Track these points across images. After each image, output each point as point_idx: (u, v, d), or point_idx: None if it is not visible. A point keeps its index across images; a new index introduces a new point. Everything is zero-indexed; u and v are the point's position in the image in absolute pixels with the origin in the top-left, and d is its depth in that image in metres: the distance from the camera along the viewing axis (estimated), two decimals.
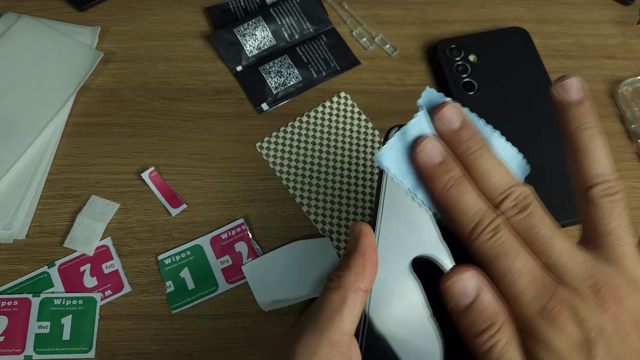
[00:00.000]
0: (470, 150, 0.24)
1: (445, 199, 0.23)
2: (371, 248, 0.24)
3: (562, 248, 0.22)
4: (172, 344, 0.39)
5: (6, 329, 0.38)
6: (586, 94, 0.24)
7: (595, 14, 0.55)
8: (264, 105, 0.48)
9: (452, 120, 0.24)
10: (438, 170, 0.24)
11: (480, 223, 0.22)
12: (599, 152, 0.23)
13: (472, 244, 0.22)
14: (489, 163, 0.23)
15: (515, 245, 0.22)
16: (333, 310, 0.23)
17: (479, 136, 0.24)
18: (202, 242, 0.42)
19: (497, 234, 0.22)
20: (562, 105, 0.24)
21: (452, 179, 0.23)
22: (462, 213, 0.23)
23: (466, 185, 0.23)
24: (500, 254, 0.22)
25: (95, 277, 0.40)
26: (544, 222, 0.22)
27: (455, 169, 0.24)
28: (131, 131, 0.46)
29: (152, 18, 0.52)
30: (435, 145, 0.24)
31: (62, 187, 0.44)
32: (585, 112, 0.24)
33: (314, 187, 0.44)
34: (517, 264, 0.21)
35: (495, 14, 0.54)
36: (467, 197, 0.23)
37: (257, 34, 0.51)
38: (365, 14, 0.54)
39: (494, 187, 0.23)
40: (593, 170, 0.23)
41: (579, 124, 0.24)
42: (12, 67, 0.47)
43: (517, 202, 0.22)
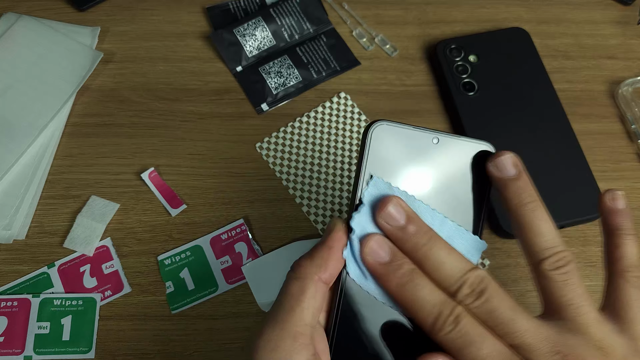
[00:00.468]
0: (418, 244, 0.23)
1: (400, 297, 0.23)
2: (339, 243, 0.24)
3: (525, 328, 0.22)
4: (171, 344, 0.39)
5: (6, 329, 0.38)
6: (521, 169, 0.25)
7: (595, 14, 0.55)
8: (263, 105, 0.48)
9: (397, 217, 0.24)
10: (387, 269, 0.23)
11: (440, 316, 0.22)
12: (542, 225, 0.23)
13: (436, 337, 0.22)
14: (439, 253, 0.23)
15: (478, 332, 0.22)
16: (293, 301, 0.23)
17: (425, 228, 0.24)
18: (202, 242, 0.42)
19: (459, 325, 0.22)
20: (500, 183, 0.25)
21: (404, 276, 0.23)
22: (419, 308, 0.23)
23: (419, 279, 0.23)
24: (465, 343, 0.22)
25: (95, 278, 0.40)
26: (502, 304, 0.22)
27: (404, 264, 0.23)
28: (131, 131, 0.46)
29: (152, 18, 0.52)
30: (381, 243, 0.24)
31: (62, 187, 0.44)
32: (523, 187, 0.24)
33: (314, 187, 0.44)
34: (484, 350, 0.21)
35: (495, 14, 0.54)
36: (422, 292, 0.23)
37: (257, 34, 0.51)
38: (365, 14, 0.54)
39: (447, 277, 0.23)
40: (540, 245, 0.23)
41: (519, 200, 0.24)
42: (12, 67, 0.47)
43: (473, 289, 0.22)
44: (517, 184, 0.24)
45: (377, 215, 0.24)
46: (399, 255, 0.24)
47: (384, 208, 0.24)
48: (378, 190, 0.25)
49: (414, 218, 0.24)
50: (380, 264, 0.24)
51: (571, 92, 0.50)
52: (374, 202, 0.25)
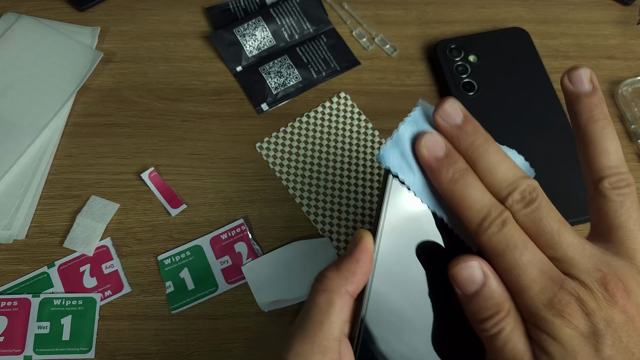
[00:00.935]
0: (474, 144, 0.23)
1: (450, 194, 0.23)
2: (367, 256, 0.24)
3: (570, 241, 0.22)
4: (171, 344, 0.39)
5: (6, 329, 0.38)
6: (597, 85, 0.24)
7: (595, 14, 0.55)
8: (263, 105, 0.48)
9: (454, 115, 0.24)
10: (441, 164, 0.23)
11: (487, 217, 0.22)
12: (610, 144, 0.23)
13: (480, 238, 0.22)
14: (494, 157, 0.23)
15: (522, 238, 0.22)
16: (321, 314, 0.23)
17: (482, 130, 0.24)
18: (201, 242, 0.42)
19: (504, 228, 0.22)
20: (573, 96, 0.24)
21: (457, 172, 0.23)
22: (468, 207, 0.23)
23: (471, 178, 0.23)
24: (508, 247, 0.22)
25: (95, 278, 0.40)
26: (550, 215, 0.22)
27: (459, 161, 0.23)
28: (131, 131, 0.46)
29: (152, 18, 0.52)
30: (437, 139, 0.24)
31: (62, 187, 0.44)
32: (597, 104, 0.24)
33: (314, 187, 0.44)
34: (525, 257, 0.21)
35: (495, 14, 0.54)
36: (473, 190, 0.23)
37: (257, 34, 0.51)
38: (365, 14, 0.54)
39: (500, 181, 0.23)
40: (604, 163, 0.23)
41: (590, 115, 0.23)
42: (12, 67, 0.47)
43: (524, 196, 0.22)
44: (590, 100, 0.24)
45: (434, 113, 0.24)
46: (454, 152, 0.24)
47: (442, 105, 0.24)
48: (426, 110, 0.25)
49: (471, 118, 0.24)
50: (435, 158, 0.23)
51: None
52: (427, 111, 0.25)
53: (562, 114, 0.47)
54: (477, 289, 0.22)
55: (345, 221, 0.43)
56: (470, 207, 0.23)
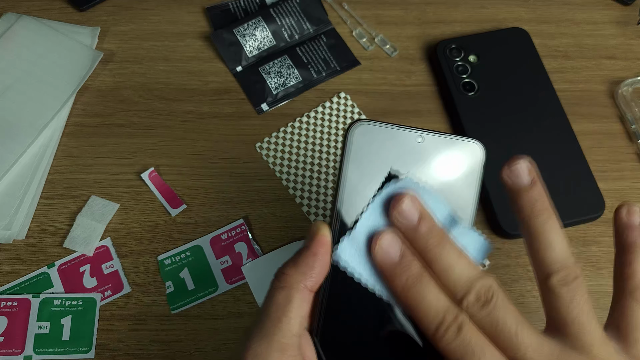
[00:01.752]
0: (429, 245, 0.23)
1: (404, 300, 0.23)
2: (324, 249, 0.23)
3: (528, 342, 0.21)
4: (171, 344, 0.39)
5: (6, 329, 0.38)
6: (535, 178, 0.24)
7: (595, 14, 0.55)
8: (263, 105, 0.48)
9: (410, 215, 0.23)
10: (395, 269, 0.23)
11: (443, 323, 0.22)
12: (554, 237, 0.23)
13: (438, 344, 0.22)
14: (450, 257, 0.23)
15: (480, 342, 0.22)
16: (279, 312, 0.22)
17: (437, 228, 0.24)
18: (201, 242, 0.42)
19: (461, 334, 0.21)
20: (513, 191, 0.24)
21: (411, 278, 0.23)
22: (424, 313, 0.22)
23: (426, 283, 0.23)
24: (466, 353, 0.21)
25: (95, 278, 0.40)
26: (507, 315, 0.22)
27: (413, 266, 0.23)
28: (131, 131, 0.46)
29: (152, 18, 0.52)
30: (392, 241, 0.23)
31: (61, 187, 0.44)
32: (537, 198, 0.24)
33: (314, 187, 0.44)
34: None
35: (495, 15, 0.55)
36: (428, 295, 0.22)
37: (257, 34, 0.51)
38: (365, 14, 0.54)
39: (455, 283, 0.22)
40: (549, 258, 0.23)
41: (531, 211, 0.23)
42: (12, 67, 0.47)
43: (479, 297, 0.22)
44: (530, 194, 0.24)
45: (391, 209, 0.24)
46: (408, 255, 0.23)
47: (399, 202, 0.23)
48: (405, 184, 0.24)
49: (426, 216, 0.24)
50: (389, 263, 0.23)
51: (571, 92, 0.50)
52: (391, 196, 0.24)
53: (561, 114, 0.47)
54: None
55: None
56: (426, 313, 0.22)
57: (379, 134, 0.25)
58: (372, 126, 0.25)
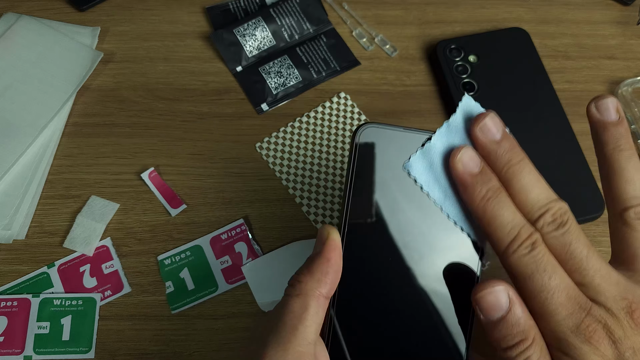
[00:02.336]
0: (510, 162, 0.23)
1: (481, 212, 0.23)
2: (336, 253, 0.23)
3: (597, 267, 0.22)
4: (171, 344, 0.39)
5: (6, 329, 0.38)
6: (623, 116, 0.24)
7: (595, 14, 0.55)
8: (263, 105, 0.48)
9: (494, 131, 0.24)
10: (475, 180, 0.23)
11: (517, 238, 0.22)
12: (636, 173, 0.23)
13: (509, 258, 0.22)
14: (529, 177, 0.23)
15: (552, 262, 0.22)
16: (295, 319, 0.22)
17: (518, 148, 0.24)
18: (202, 242, 0.42)
19: (534, 250, 0.22)
20: (599, 125, 0.24)
21: (490, 190, 0.23)
22: (499, 227, 0.22)
23: (504, 198, 0.23)
24: (537, 270, 0.21)
25: (95, 278, 0.40)
26: (579, 240, 0.22)
27: (493, 180, 0.23)
28: (131, 131, 0.46)
29: (152, 18, 0.52)
30: (473, 155, 0.24)
31: (61, 187, 0.44)
32: (623, 134, 0.24)
33: (314, 187, 0.44)
34: (553, 281, 0.21)
35: (495, 15, 0.55)
36: (504, 210, 0.22)
37: (257, 34, 0.51)
38: (365, 14, 0.54)
39: (532, 202, 0.23)
40: (630, 192, 0.23)
41: (617, 145, 0.24)
42: (12, 67, 0.47)
43: (555, 218, 0.22)
44: (617, 129, 0.24)
45: (473, 125, 0.24)
46: (488, 169, 0.23)
47: (483, 118, 0.24)
48: (470, 107, 0.25)
49: (508, 135, 0.24)
50: (470, 174, 0.23)
51: (571, 92, 0.50)
52: (466, 116, 0.24)
53: (561, 114, 0.47)
54: (503, 315, 0.22)
55: None
56: (501, 227, 0.22)
57: (386, 136, 0.25)
58: (379, 129, 0.25)
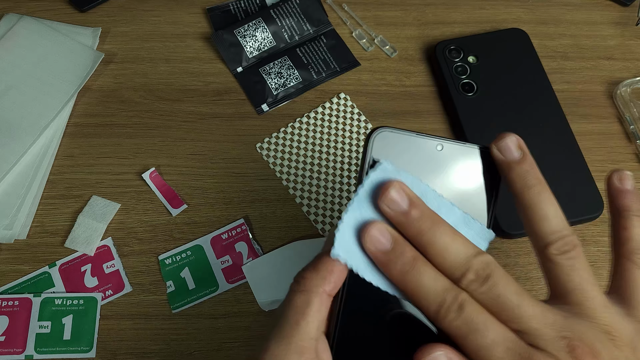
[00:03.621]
0: (422, 231, 0.23)
1: (403, 285, 0.23)
2: None
3: (531, 313, 0.21)
4: (172, 343, 0.39)
5: (7, 329, 0.38)
6: (526, 151, 0.24)
7: (593, 15, 0.55)
8: (264, 106, 0.48)
9: (399, 201, 0.23)
10: (388, 258, 0.23)
11: (444, 303, 0.22)
12: (548, 208, 0.23)
13: (440, 325, 0.22)
14: (443, 239, 0.23)
15: (483, 318, 0.22)
16: (298, 315, 0.23)
17: (428, 212, 0.23)
18: (202, 242, 0.42)
19: (463, 312, 0.22)
20: (504, 165, 0.24)
21: (406, 264, 0.23)
22: (423, 296, 0.22)
23: (421, 266, 0.23)
24: (470, 331, 0.21)
25: (96, 277, 0.41)
26: (507, 289, 0.22)
27: (406, 252, 0.23)
28: (132, 132, 0.47)
29: (153, 19, 0.53)
30: (382, 231, 0.23)
31: (63, 187, 0.44)
32: (528, 170, 0.24)
33: (314, 188, 0.45)
34: (488, 338, 0.21)
35: (494, 16, 0.55)
36: (425, 278, 0.22)
37: (257, 35, 0.51)
38: (365, 15, 0.54)
39: (451, 264, 0.22)
40: (545, 228, 0.23)
41: (524, 183, 0.24)
42: (14, 67, 0.47)
43: (478, 274, 0.22)
44: (521, 167, 0.24)
45: (379, 199, 0.24)
46: (400, 241, 0.23)
47: (386, 192, 0.23)
48: (384, 174, 0.24)
49: (417, 203, 0.23)
50: (382, 251, 0.23)
51: (570, 92, 0.50)
52: (377, 186, 0.24)
53: (560, 114, 0.47)
54: None
55: None
56: (425, 296, 0.22)
57: (399, 141, 0.25)
58: (392, 133, 0.25)
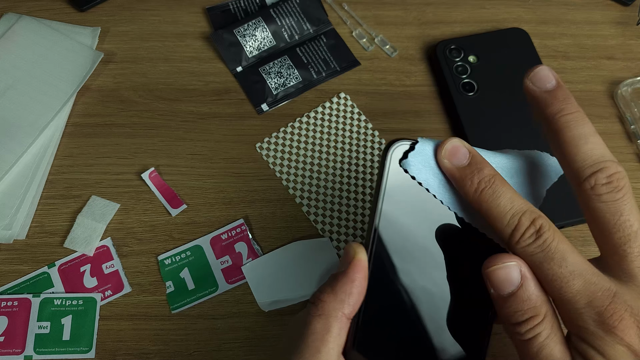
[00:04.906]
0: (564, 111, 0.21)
1: (477, 205, 0.22)
2: (361, 274, 0.23)
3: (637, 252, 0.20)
4: (172, 344, 0.39)
5: (6, 329, 0.38)
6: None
7: (594, 14, 0.55)
8: (264, 105, 0.48)
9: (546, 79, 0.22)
10: (465, 173, 0.22)
11: (519, 227, 0.21)
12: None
13: (514, 249, 0.21)
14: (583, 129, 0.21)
15: (561, 247, 0.20)
16: (318, 341, 0.22)
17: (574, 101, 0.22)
18: (202, 242, 0.42)
19: (540, 239, 0.20)
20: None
21: (483, 181, 0.21)
22: (497, 218, 0.21)
23: (499, 185, 0.21)
24: (546, 258, 0.20)
25: (95, 278, 0.41)
26: (633, 211, 0.20)
27: (484, 169, 0.22)
28: (131, 131, 0.47)
29: (153, 19, 0.52)
30: (459, 146, 0.22)
31: (62, 187, 0.44)
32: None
33: (314, 188, 0.45)
34: (565, 268, 0.20)
35: (495, 15, 0.55)
36: (502, 199, 0.21)
37: (257, 35, 0.51)
38: (365, 15, 0.54)
39: (584, 157, 0.21)
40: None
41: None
42: (13, 67, 0.47)
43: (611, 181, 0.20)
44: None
45: (437, 153, 0.23)
46: (478, 158, 0.22)
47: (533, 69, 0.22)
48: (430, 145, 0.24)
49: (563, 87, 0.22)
50: (458, 167, 0.22)
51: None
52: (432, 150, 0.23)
53: None
54: (514, 290, 0.21)
55: (345, 221, 0.43)
56: (500, 218, 0.21)
57: None
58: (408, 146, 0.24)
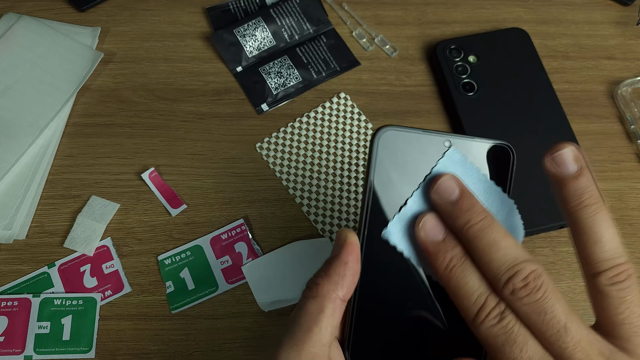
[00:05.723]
0: (469, 223, 0.22)
1: (446, 281, 0.22)
2: (354, 257, 0.23)
3: (577, 339, 0.20)
4: (172, 344, 0.39)
5: (6, 329, 0.38)
6: (584, 164, 0.22)
7: (594, 14, 0.55)
8: (263, 105, 0.48)
9: (450, 191, 0.23)
10: (438, 249, 0.23)
11: (484, 308, 0.21)
12: (604, 232, 0.21)
13: (477, 329, 0.21)
14: (492, 236, 0.22)
15: (522, 333, 0.20)
16: (311, 321, 0.22)
17: (479, 206, 0.23)
18: (202, 242, 0.42)
19: (503, 321, 0.21)
20: (558, 180, 0.22)
21: (454, 258, 0.22)
22: (464, 297, 0.22)
23: (469, 265, 0.22)
24: (507, 342, 0.20)
25: (95, 278, 0.41)
26: (557, 306, 0.20)
27: (455, 248, 0.22)
28: (131, 131, 0.47)
29: (153, 19, 0.52)
30: (436, 222, 0.23)
31: (62, 187, 0.44)
32: (585, 187, 0.22)
33: (314, 188, 0.45)
34: (526, 353, 0.20)
35: (494, 15, 0.55)
36: (469, 278, 0.22)
37: (257, 35, 0.51)
38: (365, 15, 0.54)
39: (499, 262, 0.21)
40: (598, 255, 0.21)
41: (579, 201, 0.21)
42: (13, 67, 0.47)
43: (528, 282, 0.20)
44: (578, 183, 0.22)
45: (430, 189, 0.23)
46: (451, 237, 0.23)
47: (437, 182, 0.23)
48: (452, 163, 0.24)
49: (467, 194, 0.23)
50: (432, 242, 0.23)
51: (570, 92, 0.50)
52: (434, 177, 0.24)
53: (561, 115, 0.47)
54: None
55: (345, 221, 0.43)
56: (466, 297, 0.22)
57: (405, 139, 0.25)
58: (398, 132, 0.25)
